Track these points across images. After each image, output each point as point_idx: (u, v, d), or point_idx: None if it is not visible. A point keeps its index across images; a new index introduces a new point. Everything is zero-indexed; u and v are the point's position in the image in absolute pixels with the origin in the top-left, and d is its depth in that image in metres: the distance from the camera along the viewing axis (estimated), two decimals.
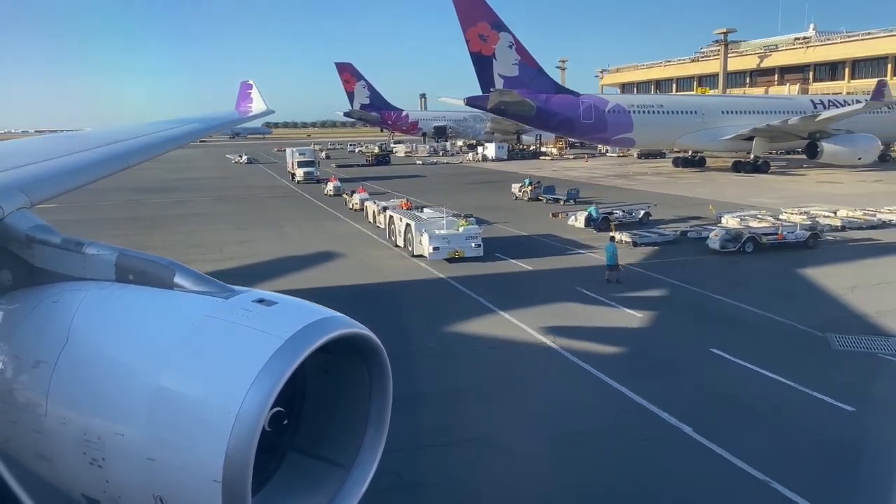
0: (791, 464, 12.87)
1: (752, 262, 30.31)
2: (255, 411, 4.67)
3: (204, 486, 4.79)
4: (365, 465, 5.75)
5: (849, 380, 16.83)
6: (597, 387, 16.80)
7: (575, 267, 30.24)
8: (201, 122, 27.05)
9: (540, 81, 71.72)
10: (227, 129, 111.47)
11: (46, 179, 8.59)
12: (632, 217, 40.50)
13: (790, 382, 16.49)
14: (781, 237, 32.35)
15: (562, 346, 19.59)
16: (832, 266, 29.12)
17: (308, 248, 35.77)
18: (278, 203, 57.97)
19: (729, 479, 12.51)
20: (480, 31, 69.35)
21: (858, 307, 23.00)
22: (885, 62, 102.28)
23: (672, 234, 35.49)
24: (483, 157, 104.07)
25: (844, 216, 39.12)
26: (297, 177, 75.48)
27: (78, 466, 5.50)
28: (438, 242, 30.46)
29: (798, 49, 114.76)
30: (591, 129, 72.47)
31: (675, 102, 79.62)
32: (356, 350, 5.51)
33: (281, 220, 46.04)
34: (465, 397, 16.60)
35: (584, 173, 77.37)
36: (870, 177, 64.59)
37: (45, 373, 5.69)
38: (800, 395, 15.91)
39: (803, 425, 14.65)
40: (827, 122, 67.25)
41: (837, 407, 15.19)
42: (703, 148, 76.55)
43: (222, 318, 5.28)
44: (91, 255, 6.36)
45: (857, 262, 30.25)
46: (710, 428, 14.17)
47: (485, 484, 12.71)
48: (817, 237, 32.99)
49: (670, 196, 52.81)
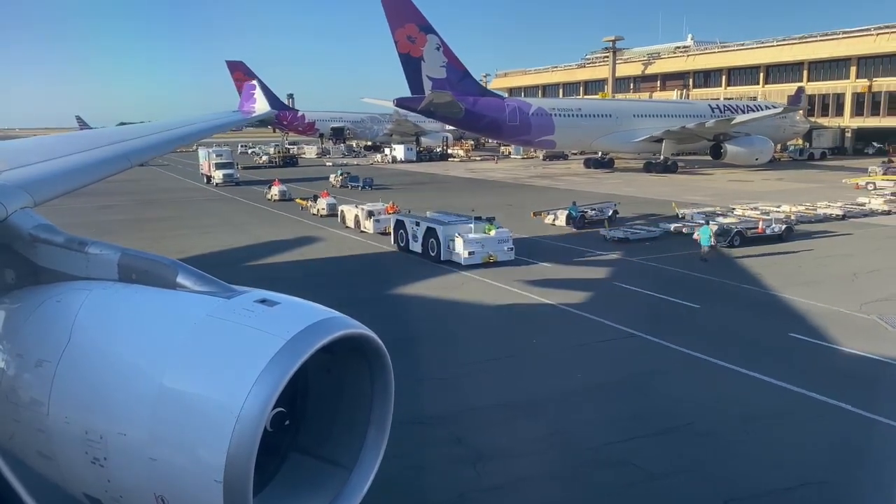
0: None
1: (750, 256, 32.53)
2: (257, 411, 4.69)
3: (205, 486, 4.79)
4: (367, 465, 5.82)
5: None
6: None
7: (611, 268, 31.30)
8: (204, 123, 26.59)
9: (467, 84, 72.76)
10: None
11: (50, 179, 8.48)
12: (602, 215, 42.15)
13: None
14: (762, 231, 34.99)
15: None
16: (823, 257, 31.94)
17: (320, 254, 34.52)
18: (225, 206, 55.32)
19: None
20: (409, 32, 69.38)
21: (874, 292, 25.39)
22: (757, 71, 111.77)
23: (658, 230, 37.36)
24: (393, 158, 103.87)
25: (789, 211, 42.68)
26: (216, 179, 72.38)
27: (80, 465, 5.49)
28: (474, 247, 29.73)
29: (679, 57, 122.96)
30: (516, 131, 74.38)
31: (591, 106, 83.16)
32: (358, 350, 5.55)
33: (246, 225, 44.15)
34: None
35: (506, 174, 79.20)
36: (772, 175, 70.55)
37: (48, 372, 5.65)
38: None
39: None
40: (740, 125, 72.85)
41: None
42: (617, 149, 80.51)
43: (224, 318, 5.28)
44: (94, 255, 6.36)
45: (838, 252, 33.15)
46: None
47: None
48: (791, 230, 36.01)
49: (614, 196, 55.27)
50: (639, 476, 12.67)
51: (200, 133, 27.30)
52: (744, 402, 16.01)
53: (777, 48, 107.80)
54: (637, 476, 12.66)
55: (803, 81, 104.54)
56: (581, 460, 13.33)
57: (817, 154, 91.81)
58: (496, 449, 13.78)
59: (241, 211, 52.02)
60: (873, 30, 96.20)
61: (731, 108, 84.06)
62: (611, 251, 33.67)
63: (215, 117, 37.15)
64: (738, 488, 12.22)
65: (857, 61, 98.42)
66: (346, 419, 5.89)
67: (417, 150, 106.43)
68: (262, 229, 42.13)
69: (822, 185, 60.74)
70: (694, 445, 13.96)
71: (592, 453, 13.57)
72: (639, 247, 34.68)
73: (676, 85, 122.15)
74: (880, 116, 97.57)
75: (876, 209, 44.37)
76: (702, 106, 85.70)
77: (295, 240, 38.48)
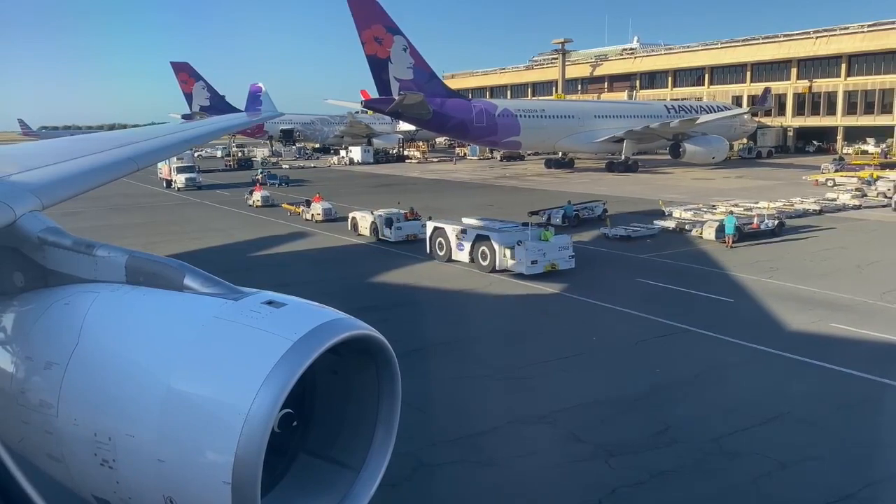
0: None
1: (753, 251, 33.67)
2: (265, 413, 4.75)
3: (214, 488, 4.85)
4: (374, 466, 5.84)
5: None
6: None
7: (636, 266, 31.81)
8: (211, 125, 26.40)
9: (434, 86, 72.82)
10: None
11: (58, 182, 8.54)
12: (592, 213, 42.94)
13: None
14: (756, 226, 36.29)
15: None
16: (821, 251, 33.36)
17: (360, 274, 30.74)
18: (201, 212, 53.79)
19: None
20: (375, 33, 68.99)
21: (886, 283, 26.69)
22: (702, 72, 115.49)
23: (656, 227, 38.28)
24: (350, 160, 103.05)
25: (767, 207, 44.32)
26: (178, 183, 70.53)
27: (89, 467, 5.55)
28: (536, 255, 27.93)
29: (627, 59, 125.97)
30: (483, 132, 74.84)
31: (555, 107, 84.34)
32: (365, 351, 5.61)
33: (232, 231, 43.07)
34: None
35: (470, 175, 79.59)
36: (731, 174, 73.05)
37: (57, 374, 5.73)
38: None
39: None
40: (701, 125, 75.13)
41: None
42: (579, 150, 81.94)
43: (232, 320, 5.34)
44: (102, 258, 6.46)
45: (833, 245, 34.60)
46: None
47: None
48: (783, 225, 37.46)
49: (587, 195, 56.26)
50: (769, 465, 13.03)
51: (208, 135, 26.79)
52: (826, 391, 16.67)
53: (721, 50, 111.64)
54: (768, 465, 13.03)
55: (746, 82, 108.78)
56: (708, 452, 13.62)
57: (764, 153, 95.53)
58: (619, 444, 13.94)
59: (222, 217, 50.66)
60: (812, 33, 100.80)
61: (684, 109, 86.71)
62: (617, 249, 34.31)
63: (222, 119, 36.29)
64: (874, 473, 12.73)
65: (798, 63, 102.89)
66: (353, 420, 5.95)
67: (374, 152, 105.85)
68: (261, 235, 41.17)
69: (782, 182, 63.27)
70: (802, 433, 14.45)
71: (715, 445, 13.89)
72: (641, 244, 35.46)
73: (623, 86, 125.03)
74: (820, 116, 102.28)
75: (847, 204, 46.58)
76: (658, 106, 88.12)
77: (320, 251, 36.16)
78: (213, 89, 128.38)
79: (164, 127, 24.80)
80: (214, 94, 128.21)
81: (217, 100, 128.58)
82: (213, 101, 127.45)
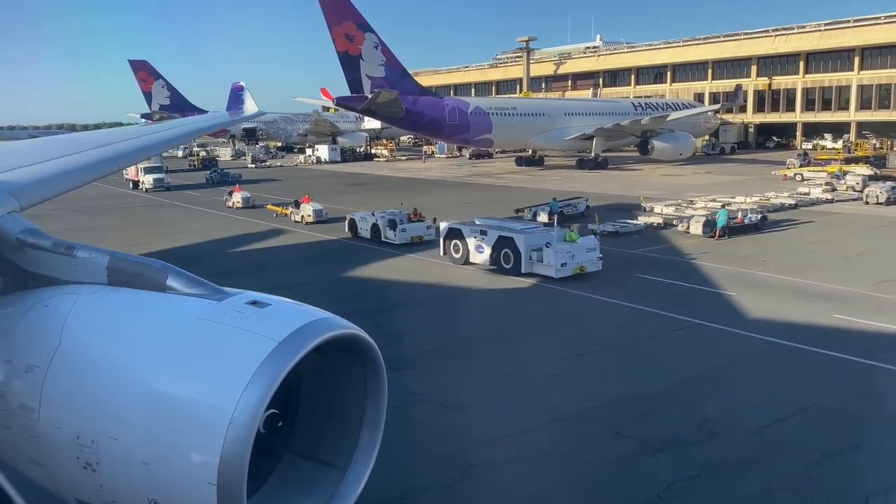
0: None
1: (741, 245, 34.23)
2: (250, 413, 4.73)
3: (199, 489, 4.83)
4: (361, 466, 5.84)
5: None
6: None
7: None
8: (192, 125, 26.13)
9: (406, 83, 72.35)
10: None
11: (36, 183, 8.50)
12: (576, 210, 43.25)
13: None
14: (741, 221, 36.94)
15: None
16: (807, 243, 34.09)
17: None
18: (178, 214, 52.62)
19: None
20: (346, 30, 68.29)
21: (874, 274, 27.38)
22: (665, 70, 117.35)
23: (641, 223, 38.70)
24: (317, 158, 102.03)
25: (744, 201, 45.16)
26: (145, 184, 68.97)
27: (72, 471, 5.51)
28: (565, 258, 26.89)
29: (590, 57, 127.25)
30: (456, 130, 74.65)
31: (526, 105, 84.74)
32: (351, 351, 5.61)
33: (216, 233, 42.19)
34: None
35: (442, 173, 79.44)
36: (700, 170, 74.24)
37: (38, 377, 5.68)
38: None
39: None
40: (668, 122, 76.20)
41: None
42: (549, 147, 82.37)
43: (216, 321, 5.31)
44: (82, 259, 6.44)
45: (816, 238, 35.40)
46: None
47: None
48: (765, 219, 38.24)
49: (565, 192, 56.67)
50: (816, 454, 13.22)
51: (189, 135, 26.26)
52: (853, 381, 17.01)
53: (683, 48, 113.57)
54: (815, 455, 13.22)
55: (708, 80, 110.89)
56: (753, 444, 13.73)
57: (727, 149, 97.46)
58: (663, 439, 13.96)
59: (201, 218, 49.54)
60: (772, 31, 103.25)
61: (651, 106, 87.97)
62: (608, 245, 34.26)
63: (203, 119, 35.39)
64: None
65: (758, 61, 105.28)
66: (339, 420, 5.94)
67: (341, 151, 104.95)
68: (261, 243, 40.37)
69: (751, 178, 64.62)
70: (838, 423, 14.69)
71: (757, 437, 14.02)
72: (629, 239, 35.79)
73: (587, 84, 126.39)
74: (779, 112, 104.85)
75: (820, 198, 47.77)
76: (626, 104, 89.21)
77: (328, 253, 34.86)
78: (173, 88, 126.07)
79: (143, 128, 24.12)
80: (175, 92, 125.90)
81: (177, 99, 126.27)
82: (173, 100, 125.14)
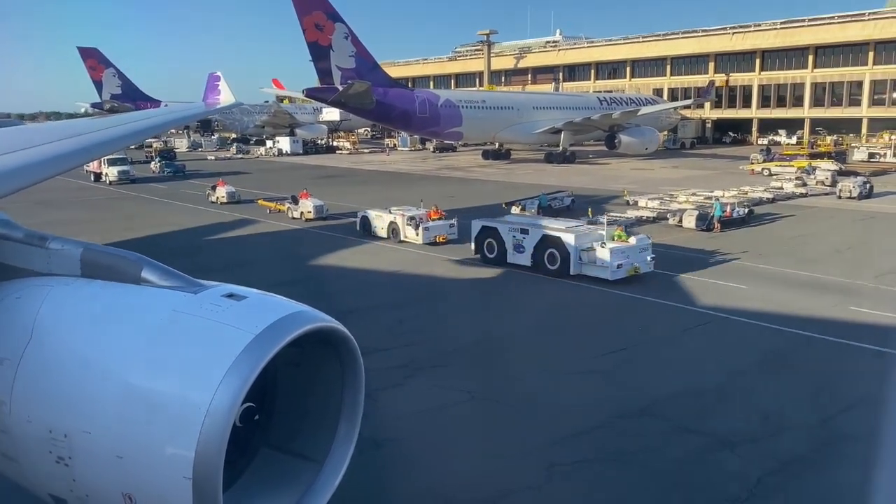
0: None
1: (734, 238, 34.79)
2: (226, 407, 4.69)
3: (174, 483, 4.79)
4: (338, 459, 5.83)
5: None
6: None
7: None
8: (167, 115, 25.57)
9: (376, 75, 71.58)
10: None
11: (6, 174, 8.32)
12: (562, 203, 43.45)
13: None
14: (729, 214, 37.57)
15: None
16: (796, 237, 34.86)
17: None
18: (155, 208, 50.78)
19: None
20: (316, 20, 67.16)
21: (872, 266, 28.14)
22: (624, 65, 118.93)
23: (633, 217, 39.02)
24: (279, 151, 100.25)
25: (723, 196, 46.00)
26: (109, 176, 66.68)
27: (44, 465, 5.46)
28: (621, 258, 25.48)
29: (550, 52, 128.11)
30: (426, 122, 74.25)
31: (495, 98, 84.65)
32: (328, 344, 5.58)
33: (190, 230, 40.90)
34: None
35: (410, 166, 78.91)
36: (667, 164, 75.46)
37: (9, 371, 5.61)
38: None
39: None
40: (643, 116, 77.21)
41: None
42: (517, 141, 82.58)
43: (191, 313, 5.27)
44: (55, 250, 6.32)
45: (804, 232, 36.25)
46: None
47: None
48: (752, 213, 39.02)
49: (540, 186, 56.83)
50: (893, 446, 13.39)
51: (164, 125, 25.45)
52: (889, 373, 17.34)
53: (642, 44, 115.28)
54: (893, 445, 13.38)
55: (667, 76, 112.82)
56: (824, 437, 13.85)
57: (687, 143, 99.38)
58: (733, 434, 13.98)
59: (182, 213, 47.92)
60: (729, 29, 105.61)
61: (616, 101, 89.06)
62: None
63: (178, 109, 34.17)
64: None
65: (716, 58, 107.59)
66: (316, 413, 5.93)
67: (303, 143, 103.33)
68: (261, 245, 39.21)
69: (719, 172, 65.89)
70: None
71: (826, 429, 14.17)
72: None
73: (547, 79, 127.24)
74: (736, 109, 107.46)
75: (795, 192, 49.01)
76: (592, 98, 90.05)
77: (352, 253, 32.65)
78: (124, 77, 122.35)
79: (117, 117, 23.19)
80: (126, 81, 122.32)
81: (129, 88, 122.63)
82: (124, 90, 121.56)
